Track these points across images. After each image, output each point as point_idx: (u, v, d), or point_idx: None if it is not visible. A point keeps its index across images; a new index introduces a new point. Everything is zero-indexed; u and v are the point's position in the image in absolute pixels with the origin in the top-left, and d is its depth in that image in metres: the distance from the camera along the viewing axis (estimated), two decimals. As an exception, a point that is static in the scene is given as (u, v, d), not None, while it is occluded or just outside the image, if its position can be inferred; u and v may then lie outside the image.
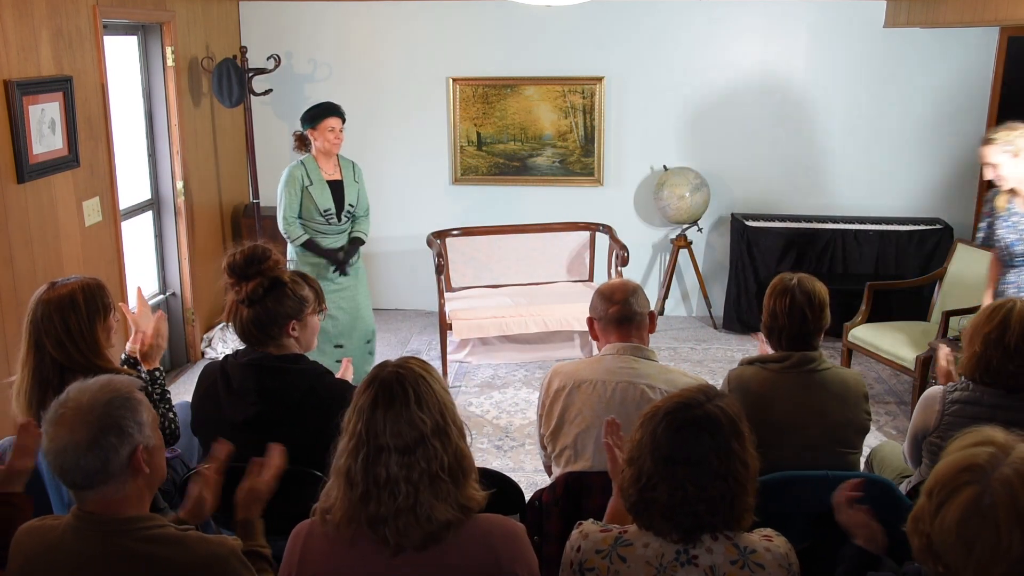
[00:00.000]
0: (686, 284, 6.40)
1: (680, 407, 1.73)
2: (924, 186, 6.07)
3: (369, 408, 1.72)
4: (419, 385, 1.74)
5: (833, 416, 2.60)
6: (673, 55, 6.00)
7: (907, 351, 4.51)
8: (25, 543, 1.76)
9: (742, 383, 2.66)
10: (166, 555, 1.70)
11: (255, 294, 2.47)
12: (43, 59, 3.93)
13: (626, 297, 2.65)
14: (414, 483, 1.69)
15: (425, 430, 1.71)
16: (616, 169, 6.23)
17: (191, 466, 2.74)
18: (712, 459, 1.68)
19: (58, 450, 1.68)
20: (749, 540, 1.75)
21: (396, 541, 1.70)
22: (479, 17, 6.03)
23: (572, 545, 1.81)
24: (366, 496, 1.70)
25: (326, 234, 4.46)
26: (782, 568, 1.73)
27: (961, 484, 1.43)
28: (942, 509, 1.44)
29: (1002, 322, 2.45)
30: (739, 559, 1.71)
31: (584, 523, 1.84)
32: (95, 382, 1.75)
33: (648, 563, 1.72)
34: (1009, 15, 4.51)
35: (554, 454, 2.67)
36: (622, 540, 1.75)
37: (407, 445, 1.69)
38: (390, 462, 1.69)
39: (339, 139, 4.43)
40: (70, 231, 4.17)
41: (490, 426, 4.69)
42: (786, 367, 2.62)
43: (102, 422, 1.68)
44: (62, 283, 2.46)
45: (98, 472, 1.68)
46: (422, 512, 1.69)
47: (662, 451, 1.70)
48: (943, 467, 1.49)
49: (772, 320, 2.66)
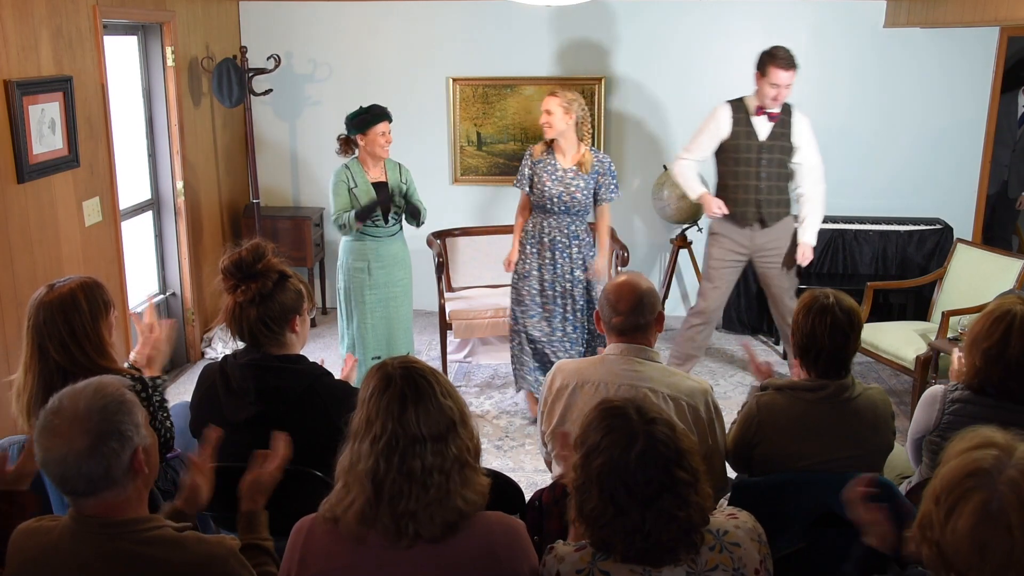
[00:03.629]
0: (686, 284, 6.40)
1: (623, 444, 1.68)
2: (924, 186, 6.06)
3: (399, 405, 1.73)
4: (436, 376, 1.80)
5: (866, 445, 2.51)
6: (673, 55, 6.00)
7: (907, 351, 4.51)
8: (22, 545, 1.75)
9: (773, 412, 2.52)
10: (164, 556, 1.70)
11: (265, 289, 2.42)
12: (43, 59, 3.93)
13: (631, 308, 2.57)
14: (446, 472, 1.73)
15: (455, 417, 1.76)
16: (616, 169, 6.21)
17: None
18: (661, 497, 1.66)
19: (57, 459, 1.66)
20: (719, 523, 1.78)
21: (415, 532, 1.71)
22: (479, 17, 6.03)
23: (549, 571, 1.76)
24: (397, 494, 1.71)
25: (376, 236, 4.42)
26: (754, 541, 1.78)
27: (968, 490, 1.42)
28: (952, 516, 1.43)
29: (1002, 339, 2.37)
30: (716, 543, 1.74)
31: (555, 546, 1.80)
32: (86, 387, 1.73)
33: (632, 571, 1.71)
34: (1009, 15, 4.51)
35: (554, 453, 2.67)
36: (600, 556, 1.73)
37: (440, 433, 1.73)
38: (425, 452, 1.72)
39: (389, 142, 4.39)
40: (70, 231, 4.17)
41: (490, 426, 4.69)
42: (821, 397, 2.48)
43: (101, 428, 1.67)
44: (60, 284, 2.45)
45: (101, 478, 1.67)
46: (450, 501, 1.72)
47: (609, 494, 1.67)
48: (948, 472, 1.47)
49: (810, 341, 2.48)
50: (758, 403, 2.57)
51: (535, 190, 4.41)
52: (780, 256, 4.67)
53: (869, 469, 2.49)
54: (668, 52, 6.00)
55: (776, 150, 4.55)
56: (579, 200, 4.35)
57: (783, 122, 4.55)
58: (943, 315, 4.37)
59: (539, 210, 4.45)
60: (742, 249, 4.69)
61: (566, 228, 4.41)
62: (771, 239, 4.66)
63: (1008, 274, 4.60)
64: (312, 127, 6.25)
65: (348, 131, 4.41)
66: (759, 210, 4.59)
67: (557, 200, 4.35)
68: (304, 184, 6.40)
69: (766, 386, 2.62)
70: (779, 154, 4.55)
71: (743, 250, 4.69)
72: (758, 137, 4.53)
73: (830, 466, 2.45)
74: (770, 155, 4.54)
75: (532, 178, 4.42)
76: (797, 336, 2.54)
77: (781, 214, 4.65)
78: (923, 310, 5.16)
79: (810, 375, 2.55)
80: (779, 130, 4.54)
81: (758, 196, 4.57)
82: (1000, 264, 4.71)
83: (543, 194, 4.36)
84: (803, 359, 2.55)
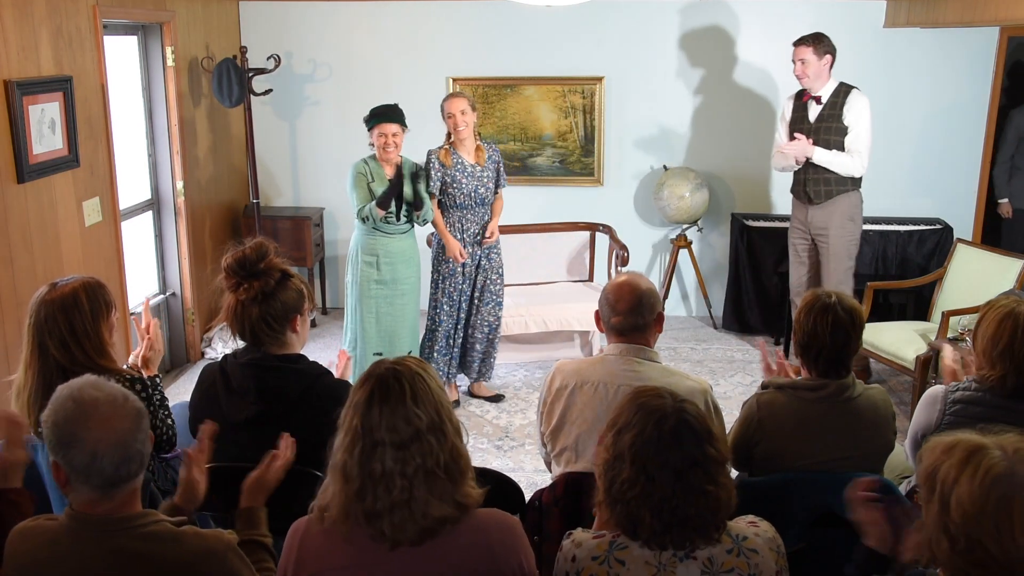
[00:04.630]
0: (686, 284, 6.40)
1: (656, 418, 1.72)
2: (924, 186, 6.07)
3: (365, 403, 1.73)
4: (415, 382, 1.75)
5: (866, 446, 2.51)
6: (673, 55, 6.00)
7: (907, 351, 4.51)
8: (20, 544, 1.75)
9: (773, 411, 2.51)
10: (162, 552, 1.70)
11: (267, 287, 2.43)
12: (43, 59, 3.93)
13: (629, 309, 2.57)
14: (409, 477, 1.69)
15: (421, 426, 1.71)
16: (616, 169, 6.23)
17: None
18: (692, 470, 1.68)
19: (93, 450, 1.66)
20: (739, 528, 1.78)
21: (392, 536, 1.70)
22: (479, 17, 6.03)
23: (566, 556, 1.78)
24: (362, 491, 1.70)
25: (387, 233, 4.48)
26: (772, 551, 1.77)
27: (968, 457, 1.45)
28: (956, 486, 1.44)
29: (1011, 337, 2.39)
30: (734, 547, 1.74)
31: (574, 532, 1.82)
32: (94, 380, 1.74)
33: (647, 563, 1.72)
34: (1009, 15, 4.51)
35: (554, 453, 2.67)
36: (617, 544, 1.75)
37: (403, 440, 1.70)
38: (385, 457, 1.70)
39: (391, 145, 4.42)
40: (70, 231, 4.17)
41: (490, 426, 4.69)
42: (822, 396, 2.48)
43: (136, 413, 1.72)
44: (63, 283, 2.46)
45: (136, 470, 1.71)
46: (417, 507, 1.70)
47: (641, 465, 1.69)
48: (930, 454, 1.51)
49: (811, 339, 2.48)
50: (758, 402, 2.57)
51: (450, 192, 4.60)
52: (829, 240, 4.92)
53: (869, 469, 2.50)
54: (668, 52, 6.00)
55: (823, 131, 4.82)
56: (489, 190, 4.69)
57: (833, 104, 4.83)
58: (943, 315, 4.37)
59: (457, 208, 4.65)
60: (801, 226, 5.07)
61: (480, 220, 4.70)
62: (822, 219, 4.91)
63: (1008, 274, 4.60)
64: (312, 127, 6.25)
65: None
66: (805, 187, 4.92)
67: (474, 195, 4.62)
68: (304, 184, 6.40)
69: (767, 385, 2.62)
70: (825, 135, 4.81)
71: (802, 226, 5.06)
72: (809, 120, 4.87)
73: (830, 465, 2.45)
74: (817, 136, 4.81)
75: (443, 181, 4.59)
76: (798, 335, 2.54)
77: (829, 192, 4.87)
78: (923, 310, 5.16)
79: (811, 374, 2.55)
80: (827, 111, 4.84)
81: (805, 175, 4.91)
82: (1000, 264, 4.71)
83: (462, 192, 4.59)
84: (804, 358, 2.55)
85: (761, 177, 6.14)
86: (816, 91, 4.85)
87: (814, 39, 4.78)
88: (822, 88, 4.84)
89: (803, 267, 5.12)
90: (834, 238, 4.89)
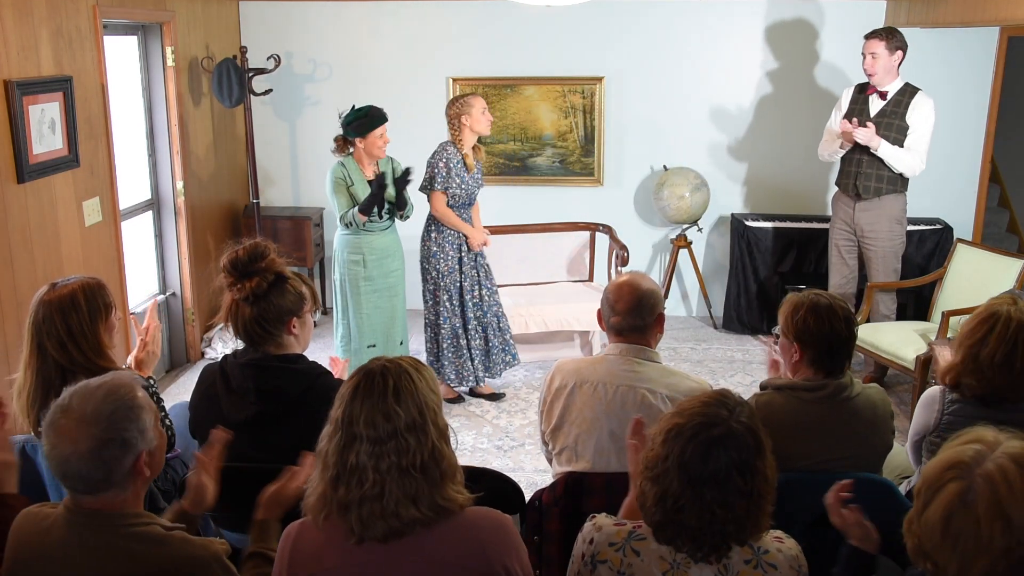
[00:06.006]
0: (686, 284, 6.40)
1: (704, 425, 1.70)
2: (924, 186, 6.05)
3: (350, 396, 1.75)
4: (401, 379, 1.75)
5: (864, 446, 2.51)
6: (673, 55, 6.00)
7: (907, 351, 4.51)
8: (21, 527, 1.78)
9: (772, 412, 2.49)
10: (144, 552, 1.71)
11: (259, 289, 2.44)
12: (43, 59, 3.93)
13: (628, 309, 2.58)
14: (382, 473, 1.70)
15: (399, 424, 1.71)
16: (616, 169, 6.23)
17: (191, 466, 2.73)
18: (737, 479, 1.67)
19: (61, 458, 1.68)
20: (762, 541, 1.76)
21: (359, 531, 1.71)
22: (479, 17, 6.03)
23: (584, 537, 1.81)
24: (336, 480, 1.72)
25: (370, 231, 4.55)
26: (792, 569, 1.75)
27: (946, 481, 1.45)
28: (928, 507, 1.46)
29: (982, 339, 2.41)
30: (753, 558, 1.73)
31: (598, 516, 1.84)
32: (98, 388, 1.73)
33: (662, 558, 1.72)
34: (1009, 15, 4.50)
35: (554, 452, 2.67)
36: (636, 535, 1.76)
37: (379, 436, 1.71)
38: (360, 450, 1.71)
39: (387, 143, 4.52)
40: (70, 231, 4.17)
41: (490, 426, 4.69)
42: (820, 397, 2.47)
43: (107, 435, 1.68)
44: (63, 283, 2.47)
45: (100, 481, 1.69)
46: (388, 505, 1.70)
47: (689, 472, 1.68)
48: (930, 467, 1.50)
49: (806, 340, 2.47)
50: (756, 403, 2.56)
51: (456, 192, 4.64)
52: (877, 243, 4.91)
53: (868, 469, 2.50)
54: (668, 52, 6.00)
55: (883, 127, 4.75)
56: (477, 192, 4.81)
57: (897, 102, 4.79)
58: (943, 315, 4.37)
59: (456, 208, 4.71)
60: (846, 227, 5.02)
61: (468, 220, 4.78)
62: (869, 221, 4.90)
63: (1008, 274, 4.60)
64: (312, 127, 6.25)
65: (346, 134, 4.46)
66: (855, 181, 4.87)
67: (473, 195, 4.74)
68: (304, 184, 6.40)
69: (765, 386, 2.61)
70: (885, 131, 4.74)
71: (847, 227, 5.01)
72: (869, 113, 4.82)
73: (829, 465, 2.44)
74: (875, 131, 4.72)
75: (457, 179, 4.65)
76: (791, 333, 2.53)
77: (879, 189, 4.83)
78: (923, 310, 5.16)
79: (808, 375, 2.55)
80: (890, 108, 4.79)
81: (857, 168, 4.86)
82: (1000, 264, 4.71)
83: (466, 192, 4.67)
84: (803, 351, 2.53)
85: (761, 177, 6.14)
86: (883, 86, 4.78)
87: (887, 33, 4.71)
88: (889, 84, 4.78)
89: (847, 268, 5.08)
90: (883, 240, 4.89)
